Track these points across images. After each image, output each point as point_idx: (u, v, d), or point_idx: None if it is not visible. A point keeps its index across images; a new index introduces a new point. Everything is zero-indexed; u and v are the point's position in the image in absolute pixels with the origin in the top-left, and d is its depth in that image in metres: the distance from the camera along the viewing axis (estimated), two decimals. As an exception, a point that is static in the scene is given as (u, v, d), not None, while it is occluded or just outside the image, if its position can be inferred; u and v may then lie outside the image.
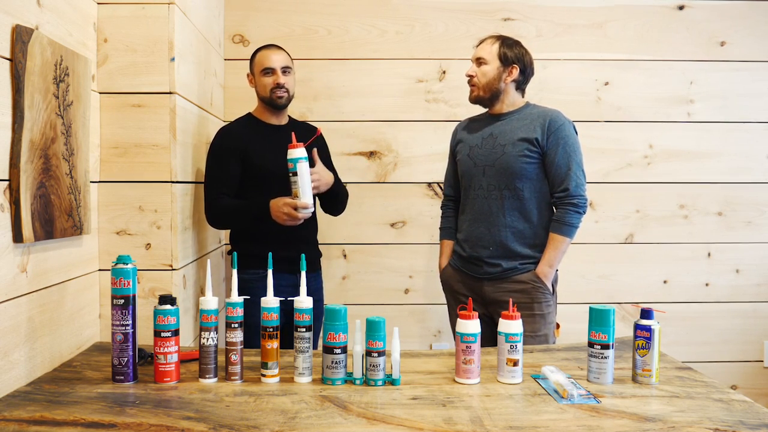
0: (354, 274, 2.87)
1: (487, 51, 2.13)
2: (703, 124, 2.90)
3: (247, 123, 2.29)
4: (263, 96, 2.25)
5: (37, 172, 1.49)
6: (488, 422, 1.23)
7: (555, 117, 2.10)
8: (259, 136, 2.25)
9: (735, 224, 2.92)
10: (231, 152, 2.20)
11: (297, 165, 2.01)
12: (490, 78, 2.12)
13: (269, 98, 2.23)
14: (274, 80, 2.22)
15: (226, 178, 2.20)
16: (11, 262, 1.41)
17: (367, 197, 2.85)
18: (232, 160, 2.20)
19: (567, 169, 2.07)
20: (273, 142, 2.23)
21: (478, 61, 2.15)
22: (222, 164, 2.20)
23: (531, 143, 2.08)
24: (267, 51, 2.26)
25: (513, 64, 2.11)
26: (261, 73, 2.23)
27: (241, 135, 2.23)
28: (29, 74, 1.44)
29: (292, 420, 1.24)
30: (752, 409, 1.31)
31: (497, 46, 2.13)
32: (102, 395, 1.37)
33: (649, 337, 1.45)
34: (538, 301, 2.08)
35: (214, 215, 2.22)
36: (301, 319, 1.47)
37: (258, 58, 2.26)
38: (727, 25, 2.88)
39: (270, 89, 2.22)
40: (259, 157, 2.20)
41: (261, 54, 2.26)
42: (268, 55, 2.24)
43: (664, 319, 1.60)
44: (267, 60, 2.23)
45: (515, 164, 2.08)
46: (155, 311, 1.46)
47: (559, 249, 2.08)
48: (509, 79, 2.12)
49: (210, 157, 2.23)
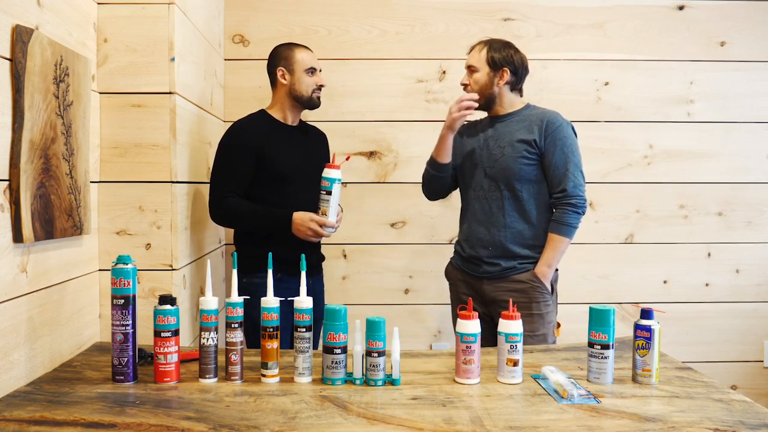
0: (354, 274, 2.87)
1: (476, 58, 2.16)
2: (703, 124, 2.90)
3: (263, 121, 2.23)
4: (301, 95, 2.21)
5: (37, 172, 1.49)
6: (488, 422, 1.23)
7: (552, 118, 2.11)
8: (277, 136, 2.20)
9: (735, 224, 2.93)
10: (246, 150, 2.14)
11: (333, 185, 2.07)
12: (482, 84, 2.14)
13: (309, 98, 2.22)
14: (317, 81, 2.22)
15: (239, 176, 2.14)
16: (11, 262, 1.41)
17: (367, 197, 2.85)
18: (246, 158, 2.14)
19: (565, 169, 2.08)
20: (290, 142, 2.21)
21: (470, 69, 2.17)
22: (235, 161, 2.14)
23: (529, 144, 2.08)
24: (308, 51, 2.24)
25: (503, 67, 2.13)
26: (306, 71, 2.20)
27: (258, 133, 2.17)
28: (29, 74, 1.44)
29: (292, 420, 1.24)
30: (752, 409, 1.31)
31: (485, 51, 2.14)
32: (102, 395, 1.37)
33: (649, 337, 1.45)
34: (537, 301, 2.08)
35: (223, 213, 2.17)
36: (301, 319, 1.47)
37: (301, 56, 2.21)
38: (727, 25, 2.88)
39: (312, 89, 2.21)
40: (276, 158, 2.16)
41: (304, 53, 2.23)
42: (312, 56, 2.24)
43: (664, 319, 1.60)
44: (312, 60, 2.22)
45: (514, 165, 2.08)
46: (155, 311, 1.46)
47: (557, 249, 2.08)
48: (501, 82, 2.14)
49: (222, 152, 2.17)
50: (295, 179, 2.19)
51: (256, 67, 2.79)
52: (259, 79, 2.78)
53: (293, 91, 2.21)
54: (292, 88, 2.21)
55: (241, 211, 2.14)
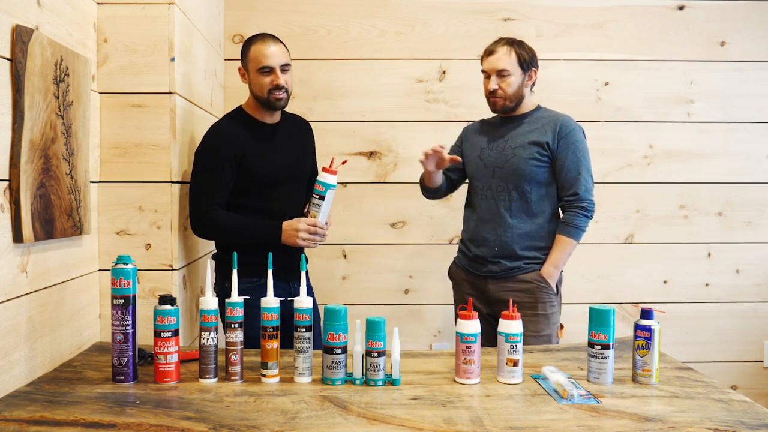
0: (354, 274, 2.87)
1: (507, 61, 2.08)
2: (703, 124, 2.90)
3: (241, 122, 2.05)
4: (259, 96, 2.01)
5: (37, 172, 1.49)
6: (488, 422, 1.23)
7: (566, 122, 2.11)
8: (256, 138, 2.04)
9: (735, 224, 2.92)
10: (227, 158, 1.97)
11: (327, 191, 1.98)
12: (516, 88, 2.10)
13: (266, 99, 1.99)
14: (273, 80, 1.97)
15: (220, 186, 1.98)
16: (11, 262, 1.41)
17: (367, 197, 2.85)
18: (228, 166, 1.98)
19: (577, 173, 2.08)
20: (270, 144, 2.07)
21: (500, 73, 2.08)
22: (216, 170, 1.98)
23: (542, 147, 2.08)
24: (262, 45, 1.99)
25: (532, 67, 2.11)
26: (258, 71, 1.97)
27: (237, 137, 2.01)
28: (29, 74, 1.44)
29: (292, 420, 1.24)
30: (752, 409, 1.31)
31: (514, 53, 2.08)
32: (102, 395, 1.37)
33: (649, 337, 1.45)
34: (542, 301, 2.09)
35: (206, 228, 2.02)
36: (301, 319, 1.47)
37: (253, 54, 1.99)
38: (727, 25, 2.88)
39: (267, 90, 1.98)
40: (257, 163, 2.01)
41: (256, 48, 1.99)
42: (265, 51, 1.97)
43: (664, 319, 1.60)
44: (263, 57, 1.97)
45: (525, 167, 2.08)
46: (155, 311, 1.46)
47: (565, 251, 2.09)
48: (530, 83, 2.13)
49: (201, 159, 1.99)
50: (279, 182, 2.07)
51: (256, 67, 2.80)
52: (259, 79, 2.78)
53: (252, 91, 2.04)
54: (251, 89, 2.04)
55: (228, 226, 2.00)
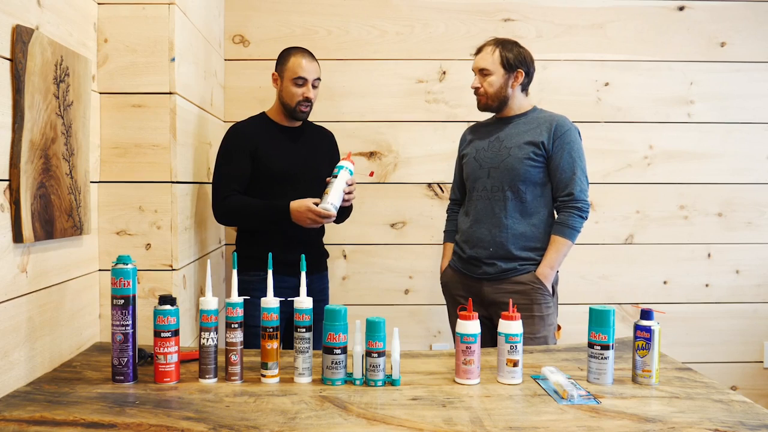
0: (354, 275, 2.87)
1: (489, 60, 2.11)
2: (703, 125, 2.90)
3: (260, 123, 2.25)
4: (287, 104, 2.18)
5: (37, 172, 1.49)
6: (488, 423, 1.23)
7: (562, 122, 2.11)
8: (271, 136, 2.21)
9: (735, 225, 2.93)
10: (241, 150, 2.16)
11: (341, 171, 2.07)
12: (497, 87, 2.11)
13: (293, 109, 2.18)
14: (304, 93, 2.15)
15: (237, 175, 2.17)
16: (11, 262, 1.41)
17: (367, 197, 2.85)
18: (242, 158, 2.16)
19: (572, 174, 2.08)
20: (285, 143, 2.21)
21: (482, 72, 2.12)
22: (232, 162, 2.17)
23: (537, 147, 2.08)
24: (302, 58, 2.16)
25: (517, 68, 2.11)
26: (292, 81, 2.14)
27: (252, 134, 2.20)
28: (29, 74, 1.44)
29: (292, 420, 1.24)
30: (752, 410, 1.31)
31: (498, 53, 2.10)
32: (102, 395, 1.37)
33: (649, 338, 1.45)
34: (538, 303, 2.08)
35: (225, 212, 2.18)
36: (301, 320, 1.47)
37: (292, 64, 2.16)
38: (727, 25, 2.88)
39: (297, 101, 2.16)
40: (268, 158, 2.18)
41: (296, 60, 2.16)
42: (303, 64, 2.15)
43: (664, 320, 1.60)
44: (301, 69, 2.14)
45: (520, 167, 2.08)
46: (155, 311, 1.46)
47: (560, 251, 2.08)
48: (516, 84, 2.13)
49: (220, 154, 2.20)
50: (289, 179, 2.19)
51: (256, 68, 2.80)
52: (259, 80, 2.78)
53: (281, 97, 2.21)
54: (281, 95, 2.21)
55: (242, 207, 2.15)
